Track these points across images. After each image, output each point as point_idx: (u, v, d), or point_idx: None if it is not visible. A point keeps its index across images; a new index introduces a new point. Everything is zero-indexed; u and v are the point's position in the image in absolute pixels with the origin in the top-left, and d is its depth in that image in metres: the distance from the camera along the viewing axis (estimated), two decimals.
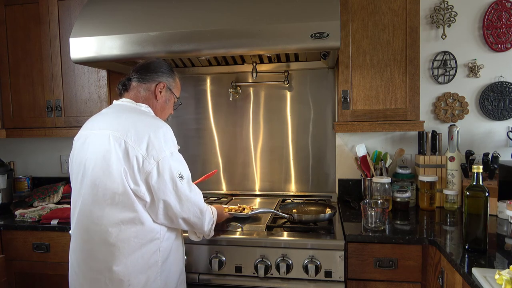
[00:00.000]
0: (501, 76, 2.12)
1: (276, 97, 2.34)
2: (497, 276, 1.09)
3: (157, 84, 1.47)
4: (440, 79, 2.18)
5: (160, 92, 1.48)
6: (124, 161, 1.28)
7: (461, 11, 2.12)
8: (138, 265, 1.32)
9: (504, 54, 2.11)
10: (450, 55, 2.15)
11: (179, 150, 1.43)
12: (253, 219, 1.85)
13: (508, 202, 1.73)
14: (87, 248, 1.33)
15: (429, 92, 2.19)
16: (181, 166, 1.38)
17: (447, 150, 2.08)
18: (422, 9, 2.05)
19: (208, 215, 1.48)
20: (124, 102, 1.46)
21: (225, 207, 1.81)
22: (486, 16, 2.09)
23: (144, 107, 1.45)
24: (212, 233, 1.53)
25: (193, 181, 1.47)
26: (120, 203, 1.29)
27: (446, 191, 1.98)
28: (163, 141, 1.33)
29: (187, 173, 1.40)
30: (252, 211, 1.82)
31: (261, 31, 1.62)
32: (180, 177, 1.35)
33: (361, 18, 1.90)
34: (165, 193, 1.31)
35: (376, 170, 2.09)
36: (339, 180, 2.29)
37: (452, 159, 2.04)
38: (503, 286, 1.05)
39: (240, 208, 1.85)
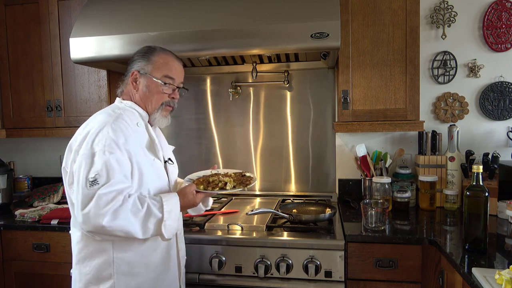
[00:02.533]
0: (501, 76, 2.12)
1: (276, 97, 2.34)
2: (497, 276, 1.09)
3: (131, 75, 1.38)
4: (440, 79, 2.18)
5: (136, 81, 1.37)
6: (66, 162, 1.30)
7: (461, 11, 2.12)
8: (89, 275, 1.26)
9: (504, 54, 2.11)
10: (450, 55, 2.15)
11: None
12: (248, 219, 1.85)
13: (508, 202, 1.73)
14: None
15: (429, 92, 2.19)
16: (102, 171, 1.16)
17: (447, 150, 2.08)
18: (422, 9, 2.05)
19: (137, 222, 1.18)
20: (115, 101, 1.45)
21: (200, 180, 1.44)
22: (486, 16, 2.09)
23: (124, 103, 1.39)
24: (167, 233, 1.25)
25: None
26: (71, 206, 1.29)
27: (446, 191, 1.98)
28: (92, 139, 1.21)
29: (104, 179, 1.15)
30: (236, 185, 1.43)
31: (261, 31, 1.62)
32: (91, 182, 1.15)
33: (361, 18, 1.90)
34: (72, 198, 1.25)
35: (376, 170, 2.09)
36: (339, 180, 2.29)
37: (452, 159, 2.04)
38: (503, 286, 1.05)
39: (221, 183, 1.41)
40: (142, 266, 1.30)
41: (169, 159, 1.47)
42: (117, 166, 1.19)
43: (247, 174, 1.46)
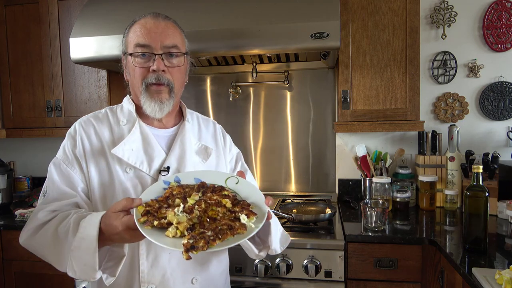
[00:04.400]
0: (501, 76, 2.12)
1: (276, 97, 2.34)
2: (497, 276, 1.09)
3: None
4: (440, 79, 2.18)
5: (125, 68, 1.09)
6: None
7: (461, 11, 2.12)
8: None
9: (504, 54, 2.11)
10: (450, 55, 2.15)
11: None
12: None
13: (508, 202, 1.73)
14: None
15: (429, 92, 2.19)
16: (48, 181, 1.03)
17: (447, 150, 2.08)
18: (422, 9, 2.05)
19: (52, 247, 0.91)
20: None
21: (162, 198, 0.89)
22: (486, 16, 2.09)
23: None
24: (76, 270, 0.86)
25: None
26: None
27: (446, 191, 1.98)
28: None
29: (46, 192, 1.02)
30: (184, 236, 0.78)
31: (261, 31, 1.62)
32: (43, 194, 1.04)
33: (361, 18, 1.90)
34: None
35: (376, 170, 2.08)
36: (339, 180, 2.29)
37: (452, 159, 2.04)
38: (503, 286, 1.05)
39: (162, 221, 0.81)
40: None
41: (167, 168, 1.03)
42: (57, 177, 1.01)
43: (245, 221, 0.82)
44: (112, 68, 2.12)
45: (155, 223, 0.79)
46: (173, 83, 1.03)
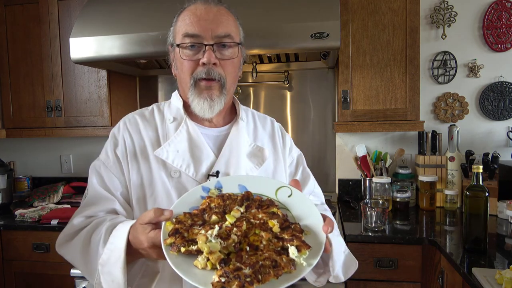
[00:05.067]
0: (501, 76, 2.12)
1: (276, 97, 2.34)
2: (497, 276, 1.09)
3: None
4: (440, 79, 2.18)
5: (171, 59, 1.00)
6: None
7: (461, 11, 2.12)
8: None
9: (504, 54, 2.11)
10: (450, 55, 2.15)
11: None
12: None
13: (508, 202, 1.73)
14: None
15: (429, 92, 2.19)
16: (88, 184, 0.96)
17: (447, 150, 2.08)
18: (422, 9, 2.05)
19: (83, 256, 0.85)
20: None
21: (195, 212, 0.77)
22: (486, 16, 2.09)
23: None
24: (104, 285, 0.79)
25: None
26: None
27: (446, 191, 1.98)
28: None
29: (88, 192, 0.96)
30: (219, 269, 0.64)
31: (260, 31, 1.62)
32: (84, 196, 0.97)
33: (361, 18, 1.90)
34: None
35: (376, 170, 2.08)
36: (339, 180, 2.29)
37: (452, 159, 2.04)
38: (503, 286, 1.05)
39: (191, 247, 0.67)
40: None
41: (216, 172, 0.93)
42: (96, 180, 0.94)
43: (294, 256, 0.66)
44: (112, 68, 2.11)
45: (182, 249, 0.66)
46: (225, 78, 0.92)
